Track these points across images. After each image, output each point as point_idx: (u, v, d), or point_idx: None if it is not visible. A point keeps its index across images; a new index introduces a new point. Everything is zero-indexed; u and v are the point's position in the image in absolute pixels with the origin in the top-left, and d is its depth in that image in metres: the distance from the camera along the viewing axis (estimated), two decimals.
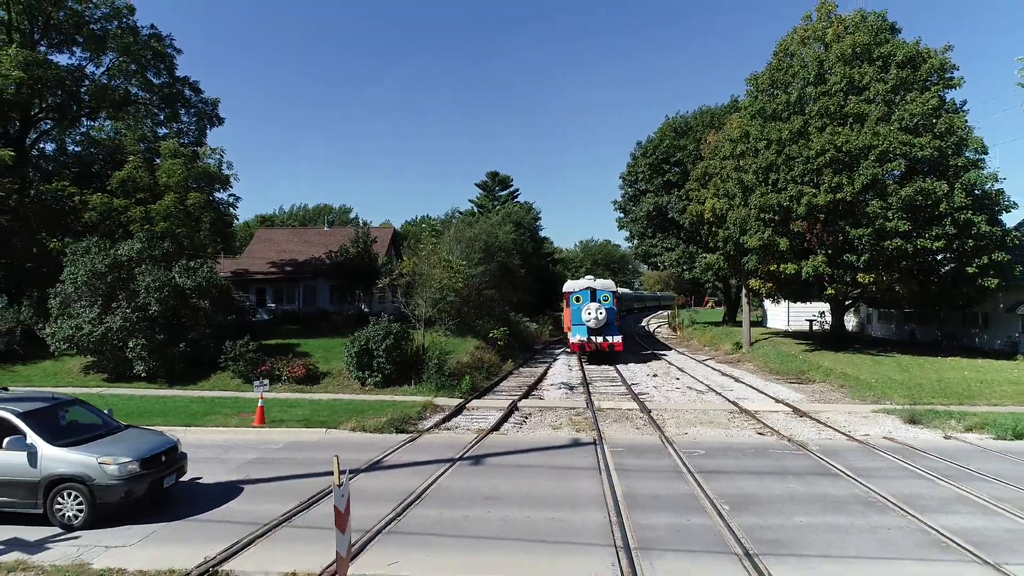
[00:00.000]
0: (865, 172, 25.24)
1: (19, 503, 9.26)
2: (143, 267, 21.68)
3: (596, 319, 30.22)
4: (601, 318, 30.31)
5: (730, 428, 16.58)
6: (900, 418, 17.29)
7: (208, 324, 22.62)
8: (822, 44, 29.23)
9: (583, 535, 9.04)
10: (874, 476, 11.83)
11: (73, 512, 9.21)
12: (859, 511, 10.01)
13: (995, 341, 29.75)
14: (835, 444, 14.65)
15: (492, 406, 19.54)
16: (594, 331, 30.39)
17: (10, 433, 9.29)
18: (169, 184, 26.47)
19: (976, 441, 14.90)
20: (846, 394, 21.59)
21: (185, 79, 33.72)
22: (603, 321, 30.40)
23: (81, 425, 10.47)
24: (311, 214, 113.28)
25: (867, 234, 25.41)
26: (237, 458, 13.26)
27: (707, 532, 9.11)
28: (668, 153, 49.51)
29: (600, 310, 30.34)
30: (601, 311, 30.36)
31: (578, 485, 11.42)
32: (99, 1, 30.58)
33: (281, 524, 9.43)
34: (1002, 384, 21.27)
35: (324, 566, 7.77)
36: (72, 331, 20.95)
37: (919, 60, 27.11)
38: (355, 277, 37.09)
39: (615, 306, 32.50)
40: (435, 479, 11.69)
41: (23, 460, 9.20)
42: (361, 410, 17.74)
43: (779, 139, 27.48)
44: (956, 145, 25.70)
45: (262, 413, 16.14)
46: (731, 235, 30.05)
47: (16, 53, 25.86)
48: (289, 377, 21.34)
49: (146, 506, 9.86)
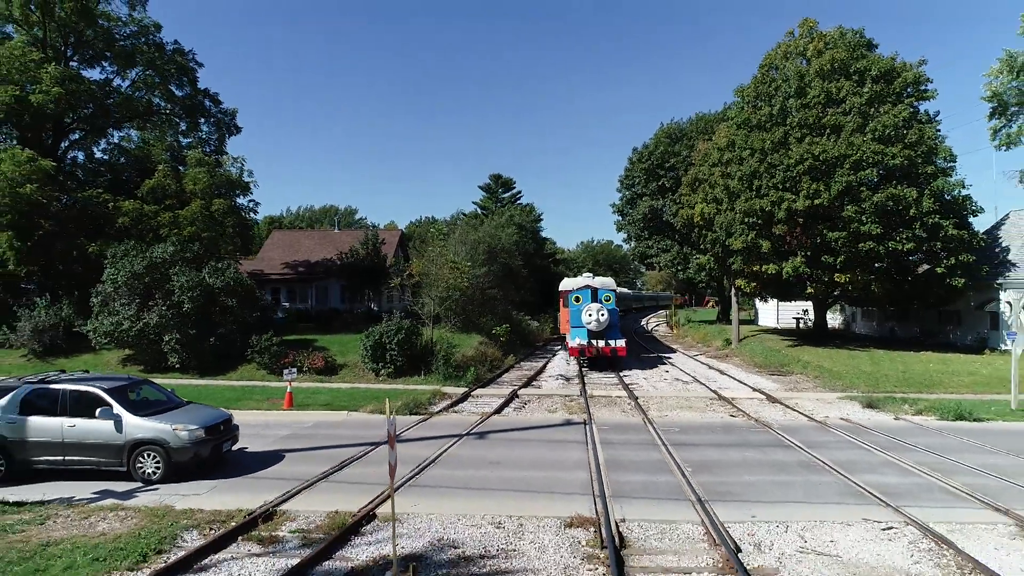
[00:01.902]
0: (841, 179, 27.19)
1: (107, 462, 11.33)
2: (176, 268, 23.80)
3: (597, 321, 27.28)
4: (603, 320, 27.39)
5: (706, 412, 18.58)
6: (860, 403, 19.30)
7: (235, 320, 24.72)
8: (804, 59, 31.24)
9: (569, 488, 11.05)
10: (821, 447, 13.84)
11: (152, 469, 11.28)
12: (799, 472, 12.03)
13: (967, 337, 31.67)
14: (796, 424, 16.66)
15: (494, 394, 21.58)
16: (595, 334, 27.57)
17: (99, 405, 11.35)
18: (195, 191, 28.60)
19: (921, 422, 16.89)
20: (818, 384, 23.57)
21: (206, 91, 35.87)
22: (605, 323, 27.50)
23: (152, 400, 12.54)
24: (317, 215, 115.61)
25: (843, 237, 27.37)
26: (274, 434, 15.34)
27: (670, 486, 11.13)
28: (663, 159, 51.56)
29: (602, 311, 27.47)
30: (603, 312, 27.47)
31: (568, 454, 13.45)
32: (127, 19, 32.79)
33: (319, 480, 11.48)
34: (961, 375, 23.22)
35: (360, 507, 9.83)
36: (113, 327, 23.07)
37: (893, 74, 29.05)
38: (365, 277, 39.16)
39: (617, 306, 30.25)
40: (445, 449, 13.74)
41: (111, 427, 11.27)
42: (377, 396, 19.79)
43: (762, 148, 29.46)
44: (926, 154, 27.64)
45: (291, 398, 18.22)
46: (718, 238, 32.05)
47: (54, 70, 27.99)
48: (310, 368, 23.41)
49: (209, 466, 11.93)
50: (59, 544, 8.49)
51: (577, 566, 7.89)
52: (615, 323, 28.78)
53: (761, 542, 8.67)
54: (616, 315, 29.44)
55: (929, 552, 8.32)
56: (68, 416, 11.32)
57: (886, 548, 8.45)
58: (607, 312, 27.77)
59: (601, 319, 27.43)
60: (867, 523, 9.30)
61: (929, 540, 8.69)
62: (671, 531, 9.07)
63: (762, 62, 32.98)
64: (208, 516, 9.58)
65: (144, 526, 9.16)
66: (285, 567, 7.77)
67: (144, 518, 9.53)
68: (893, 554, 8.26)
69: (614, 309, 29.06)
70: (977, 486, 10.99)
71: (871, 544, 8.58)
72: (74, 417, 11.32)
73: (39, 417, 11.35)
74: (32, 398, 11.47)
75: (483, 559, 8.11)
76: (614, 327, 28.47)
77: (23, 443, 11.27)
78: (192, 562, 7.97)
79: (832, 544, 8.58)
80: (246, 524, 9.18)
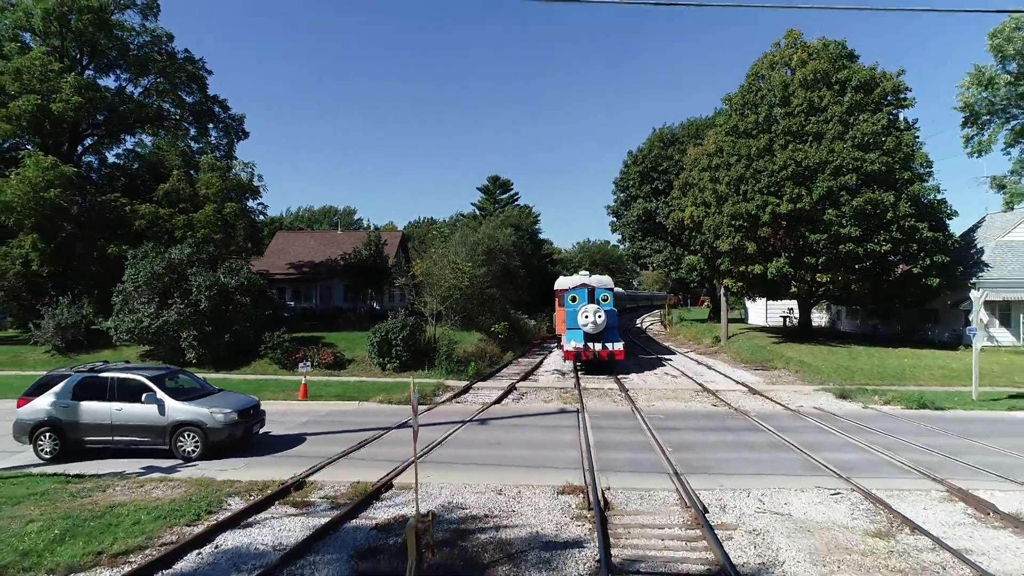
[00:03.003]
0: (822, 184, 28.68)
1: (152, 441, 12.74)
2: (194, 268, 25.19)
3: (594, 323, 25.73)
4: (600, 322, 25.83)
5: (691, 402, 20.05)
6: (833, 395, 20.80)
7: (248, 318, 26.12)
8: (789, 69, 32.73)
9: (562, 464, 12.48)
10: (790, 431, 15.31)
11: (191, 447, 12.68)
12: (767, 451, 13.50)
13: (944, 334, 33.23)
14: (772, 412, 18.13)
15: (494, 387, 23.02)
16: (592, 337, 26.10)
17: (144, 391, 12.76)
18: (208, 195, 30.00)
19: (886, 410, 18.38)
20: (798, 378, 25.06)
21: (215, 97, 37.27)
22: (602, 325, 25.95)
23: (187, 388, 13.93)
24: (316, 215, 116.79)
25: (824, 239, 28.86)
26: (293, 420, 16.75)
27: (651, 463, 12.58)
28: (656, 162, 53.13)
29: (599, 312, 25.91)
30: (600, 314, 25.92)
31: (561, 436, 14.91)
32: (140, 28, 34.14)
33: (340, 458, 12.91)
34: (932, 369, 24.75)
35: (378, 478, 11.26)
36: (134, 324, 24.45)
37: (873, 84, 30.55)
38: (368, 277, 40.56)
39: (614, 306, 28.71)
40: (451, 432, 15.18)
41: (155, 411, 12.67)
42: (384, 389, 21.22)
43: (748, 154, 30.95)
44: (903, 160, 29.14)
45: (305, 389, 19.64)
46: (707, 239, 33.54)
47: (74, 79, 29.35)
48: (320, 363, 24.79)
49: (241, 446, 13.35)
50: (123, 506, 9.91)
51: (568, 523, 9.32)
52: (613, 325, 27.15)
53: (726, 505, 10.11)
54: (614, 316, 27.93)
55: (867, 511, 9.79)
56: (116, 401, 12.73)
57: (831, 508, 9.91)
58: (604, 313, 26.21)
59: (598, 321, 25.81)
60: (819, 490, 10.76)
61: (869, 502, 10.16)
62: (649, 497, 10.51)
63: (749, 71, 34.48)
64: (246, 486, 10.99)
65: (193, 493, 10.58)
66: (318, 524, 9.18)
67: (191, 487, 10.94)
68: (836, 513, 9.72)
69: (612, 310, 27.58)
70: (922, 462, 12.47)
71: (819, 506, 10.04)
72: (121, 402, 12.73)
73: (90, 402, 12.75)
74: (83, 385, 12.88)
75: (487, 518, 9.55)
76: (612, 329, 26.96)
77: (76, 425, 12.68)
78: (239, 519, 9.40)
79: (786, 505, 10.04)
80: (281, 491, 10.60)
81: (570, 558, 8.09)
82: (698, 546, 8.47)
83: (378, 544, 8.53)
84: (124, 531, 8.88)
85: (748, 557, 8.16)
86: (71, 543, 8.43)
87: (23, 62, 28.41)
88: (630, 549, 8.37)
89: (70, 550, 8.22)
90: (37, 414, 12.75)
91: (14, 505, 9.92)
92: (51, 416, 12.70)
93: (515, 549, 8.34)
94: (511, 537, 8.75)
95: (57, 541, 8.48)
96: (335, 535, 8.89)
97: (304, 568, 7.83)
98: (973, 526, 9.23)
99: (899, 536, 8.80)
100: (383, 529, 9.13)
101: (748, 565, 7.93)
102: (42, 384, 13.41)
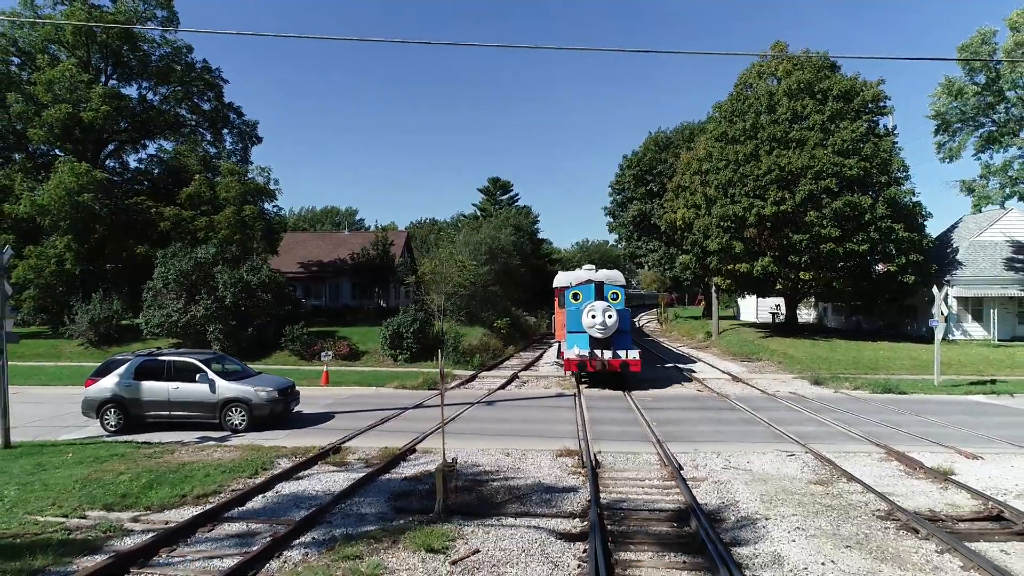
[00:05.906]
0: (804, 188, 30.62)
1: (204, 416, 14.65)
2: (219, 267, 27.10)
3: (603, 324, 20.76)
4: (611, 323, 20.84)
5: (678, 388, 21.98)
6: (808, 381, 22.76)
7: (268, 313, 28.02)
8: (775, 78, 34.68)
9: (559, 434, 14.40)
10: (763, 410, 17.24)
11: (238, 421, 14.60)
12: (740, 424, 15.44)
13: (921, 329, 35.13)
14: (750, 396, 20.07)
15: (498, 375, 24.96)
16: (599, 342, 20.99)
17: (198, 372, 14.67)
18: (227, 198, 31.89)
19: (855, 394, 20.32)
20: (780, 368, 27.01)
21: (230, 104, 39.18)
22: (613, 327, 20.96)
23: (231, 371, 15.84)
24: (319, 216, 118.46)
25: (806, 239, 30.80)
26: (320, 402, 18.68)
27: (638, 434, 14.50)
28: (651, 165, 55.14)
29: (609, 312, 20.93)
30: (610, 313, 20.93)
31: (559, 414, 16.84)
32: (161, 40, 36.04)
33: (367, 430, 14.83)
34: (904, 360, 26.69)
35: (403, 444, 13.17)
36: (163, 318, 26.36)
37: (853, 93, 32.50)
38: (375, 275, 42.51)
39: (627, 306, 23.17)
40: (461, 412, 17.12)
41: (207, 389, 14.58)
42: (398, 377, 23.15)
43: (736, 159, 32.89)
44: (881, 165, 31.09)
45: (327, 376, 21.56)
46: (698, 239, 35.48)
47: (102, 90, 31.25)
48: (336, 354, 26.70)
49: (281, 420, 15.27)
50: (192, 464, 11.81)
51: (565, 476, 11.24)
52: (626, 328, 21.99)
53: (698, 464, 12.03)
54: (627, 318, 22.54)
55: (815, 467, 11.72)
56: (173, 381, 14.64)
57: (785, 465, 11.85)
58: (616, 313, 21.10)
59: (608, 322, 20.82)
60: (777, 453, 12.70)
61: (817, 461, 12.09)
62: (634, 459, 12.43)
63: (737, 80, 36.43)
64: (291, 450, 12.91)
65: (247, 455, 12.49)
66: (358, 477, 11.08)
67: (245, 451, 12.86)
68: (789, 468, 11.65)
69: (624, 310, 22.13)
70: (872, 432, 14.41)
71: (776, 464, 11.97)
72: (178, 381, 14.64)
73: (150, 382, 14.65)
74: (144, 367, 14.78)
75: (498, 472, 11.47)
76: (624, 333, 21.76)
77: (138, 402, 14.58)
78: (291, 474, 11.31)
79: (748, 463, 11.97)
80: (322, 454, 12.52)
81: (567, 499, 10.00)
82: (672, 492, 10.39)
83: (410, 489, 10.45)
84: (199, 481, 10.78)
85: (712, 499, 10.07)
86: (159, 489, 10.33)
87: (54, 74, 30.30)
88: (616, 494, 10.29)
89: (159, 494, 10.11)
90: (103, 392, 14.66)
91: (102, 463, 11.83)
92: (115, 394, 14.61)
93: (522, 493, 10.26)
94: (518, 484, 10.67)
95: (147, 487, 10.38)
96: (373, 484, 10.80)
97: (352, 506, 9.74)
98: (900, 478, 11.16)
99: (837, 484, 10.73)
100: (412, 480, 11.05)
101: (711, 504, 9.83)
102: (105, 367, 15.31)
